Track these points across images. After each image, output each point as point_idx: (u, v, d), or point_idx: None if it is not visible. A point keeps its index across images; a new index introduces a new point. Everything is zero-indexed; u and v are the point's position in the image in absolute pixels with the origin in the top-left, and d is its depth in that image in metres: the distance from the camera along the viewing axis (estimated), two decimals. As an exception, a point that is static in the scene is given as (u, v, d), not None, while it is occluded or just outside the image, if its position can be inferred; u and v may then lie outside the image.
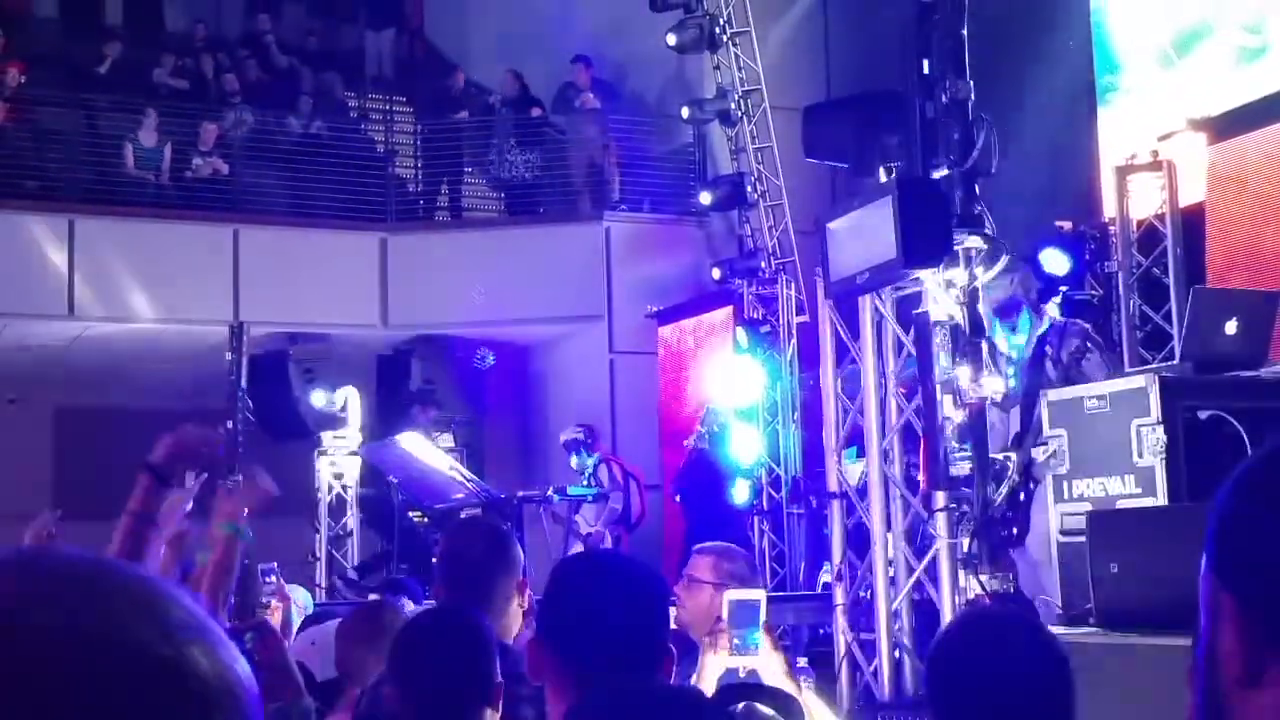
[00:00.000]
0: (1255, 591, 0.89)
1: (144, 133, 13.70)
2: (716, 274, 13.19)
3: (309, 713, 3.53)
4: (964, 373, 6.40)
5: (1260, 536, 0.89)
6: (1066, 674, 2.40)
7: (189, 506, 3.34)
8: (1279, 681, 0.86)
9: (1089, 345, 6.85)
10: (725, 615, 3.38)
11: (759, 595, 3.48)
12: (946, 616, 6.51)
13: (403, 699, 2.68)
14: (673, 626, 2.84)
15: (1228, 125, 9.61)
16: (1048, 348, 6.96)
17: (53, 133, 13.96)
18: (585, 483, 10.78)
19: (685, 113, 13.63)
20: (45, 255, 12.80)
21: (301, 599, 7.97)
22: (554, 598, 2.40)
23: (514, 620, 3.43)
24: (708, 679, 3.38)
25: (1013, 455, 6.52)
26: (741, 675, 3.41)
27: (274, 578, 7.51)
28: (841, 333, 7.81)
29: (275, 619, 5.58)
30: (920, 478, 7.12)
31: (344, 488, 12.98)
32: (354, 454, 12.56)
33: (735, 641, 3.35)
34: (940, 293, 6.53)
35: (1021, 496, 6.56)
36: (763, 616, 3.40)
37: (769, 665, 3.39)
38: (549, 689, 2.33)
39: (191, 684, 0.77)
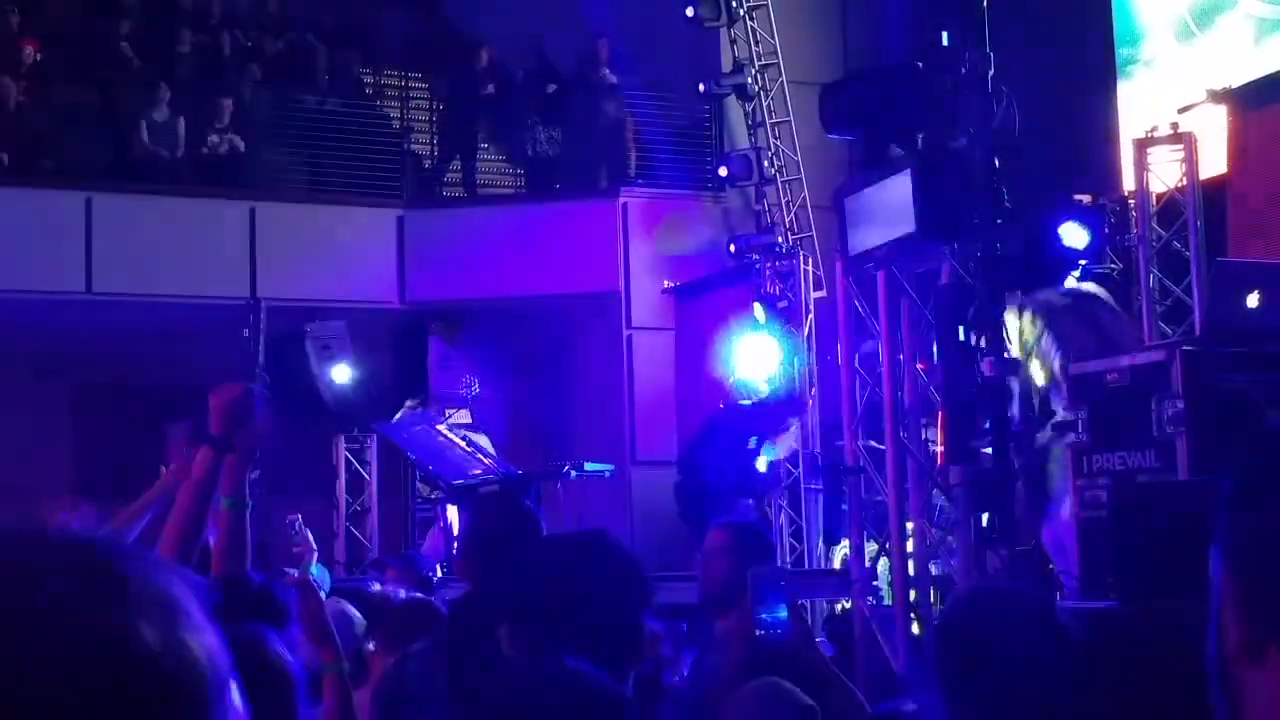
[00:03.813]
0: (1255, 571, 0.89)
1: (157, 109, 13.69)
2: (733, 249, 13.16)
3: (344, 677, 3.50)
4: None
5: (1259, 517, 0.90)
6: (1069, 649, 2.39)
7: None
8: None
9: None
10: (750, 591, 3.36)
11: (782, 570, 3.46)
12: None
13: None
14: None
15: (1249, 97, 9.53)
16: None
17: (69, 110, 13.96)
18: None
19: (702, 87, 13.58)
20: (63, 232, 12.82)
21: (324, 578, 8.03)
22: (530, 581, 2.35)
23: None
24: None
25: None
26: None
27: (298, 527, 7.61)
28: (859, 308, 7.78)
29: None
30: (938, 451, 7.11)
31: (362, 465, 13.04)
32: (372, 430, 12.61)
33: (761, 618, 3.32)
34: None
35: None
36: (788, 593, 3.37)
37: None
38: None
39: (135, 662, 0.72)
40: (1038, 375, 6.63)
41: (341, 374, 12.73)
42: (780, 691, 2.98)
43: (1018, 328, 6.76)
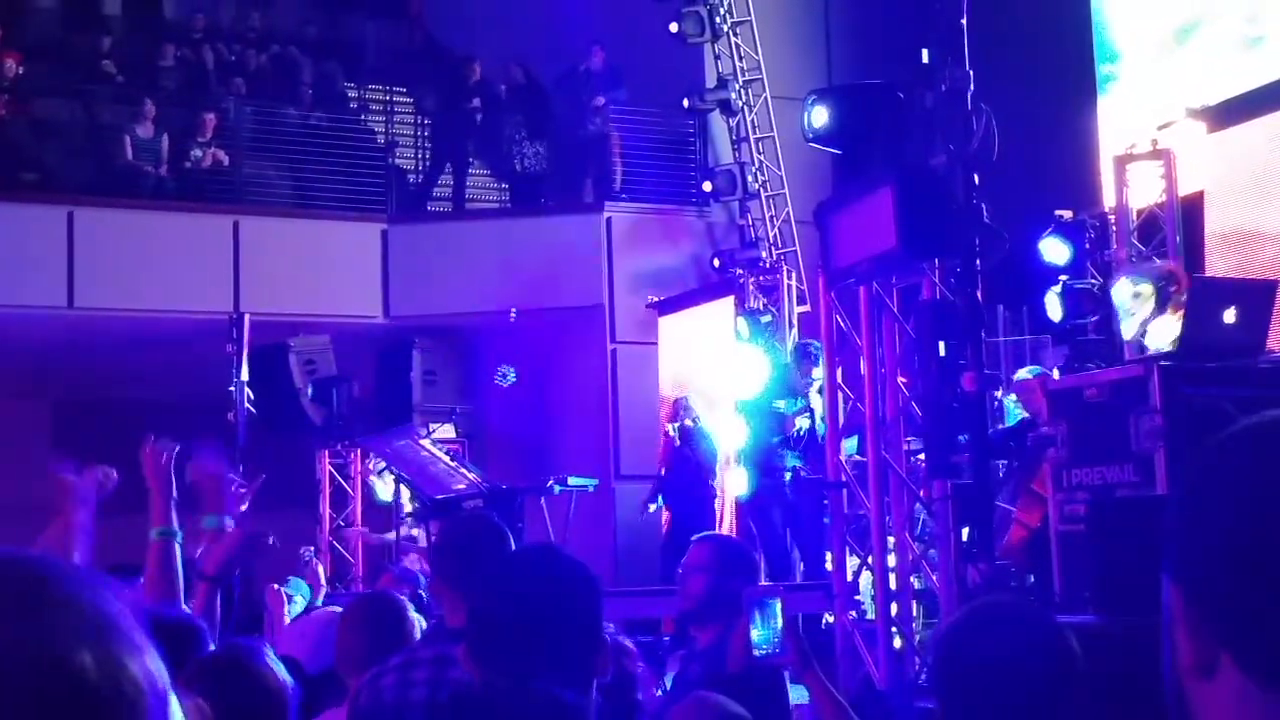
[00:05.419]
0: (1200, 587, 0.91)
1: (141, 124, 13.68)
2: (717, 264, 13.20)
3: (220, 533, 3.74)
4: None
5: (1200, 534, 0.92)
6: (1075, 668, 2.39)
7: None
8: (1230, 672, 0.88)
9: None
10: (745, 610, 3.38)
11: (778, 592, 3.48)
12: (946, 605, 6.52)
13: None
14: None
15: (1227, 114, 9.60)
16: None
17: (51, 124, 13.94)
18: None
19: (686, 102, 13.63)
20: (44, 247, 12.79)
21: (303, 591, 7.99)
22: (485, 595, 2.35)
23: None
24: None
25: None
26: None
27: (308, 558, 7.55)
28: (842, 322, 7.80)
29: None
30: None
31: (346, 479, 13.02)
32: (355, 445, 12.60)
33: (757, 638, 3.34)
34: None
35: None
36: (779, 614, 3.39)
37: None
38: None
39: (71, 687, 0.71)
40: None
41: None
42: (711, 702, 3.00)
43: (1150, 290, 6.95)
